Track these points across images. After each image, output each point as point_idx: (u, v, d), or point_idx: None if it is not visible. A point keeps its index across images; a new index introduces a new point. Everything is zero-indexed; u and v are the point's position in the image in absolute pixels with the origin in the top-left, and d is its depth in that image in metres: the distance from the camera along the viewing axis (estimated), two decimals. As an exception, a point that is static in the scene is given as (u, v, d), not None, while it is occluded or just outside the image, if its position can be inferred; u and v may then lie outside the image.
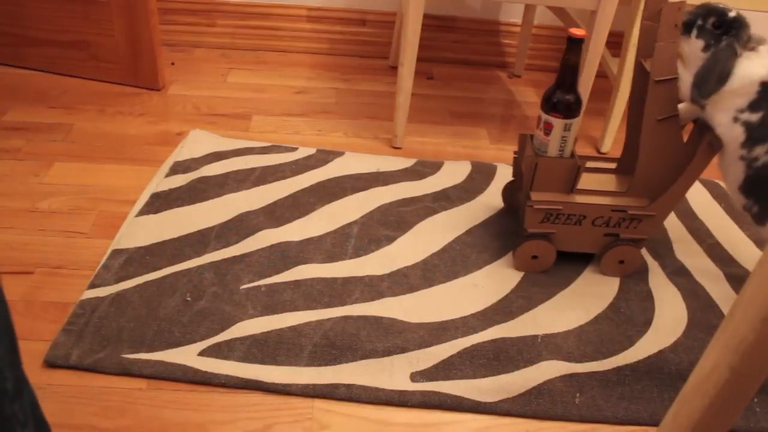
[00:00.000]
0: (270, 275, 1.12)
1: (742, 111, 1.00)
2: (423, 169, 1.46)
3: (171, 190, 1.30)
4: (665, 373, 1.01)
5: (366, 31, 1.99)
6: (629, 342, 1.06)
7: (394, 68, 1.95)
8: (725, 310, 1.15)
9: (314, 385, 0.94)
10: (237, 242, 1.18)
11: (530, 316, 1.09)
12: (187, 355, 0.96)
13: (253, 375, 0.94)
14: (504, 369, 0.99)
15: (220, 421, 0.89)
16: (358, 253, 1.19)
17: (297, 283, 1.11)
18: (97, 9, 1.62)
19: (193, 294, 1.06)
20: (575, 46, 1.05)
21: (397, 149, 1.55)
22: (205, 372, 0.94)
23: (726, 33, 0.99)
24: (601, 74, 1.63)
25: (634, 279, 1.20)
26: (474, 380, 0.97)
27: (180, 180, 1.33)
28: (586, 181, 1.18)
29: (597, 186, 1.17)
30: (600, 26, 1.41)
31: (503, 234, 1.28)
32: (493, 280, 1.16)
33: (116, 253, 1.13)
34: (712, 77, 0.98)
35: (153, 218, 1.22)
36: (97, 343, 0.96)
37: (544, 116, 1.09)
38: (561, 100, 1.07)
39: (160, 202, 1.27)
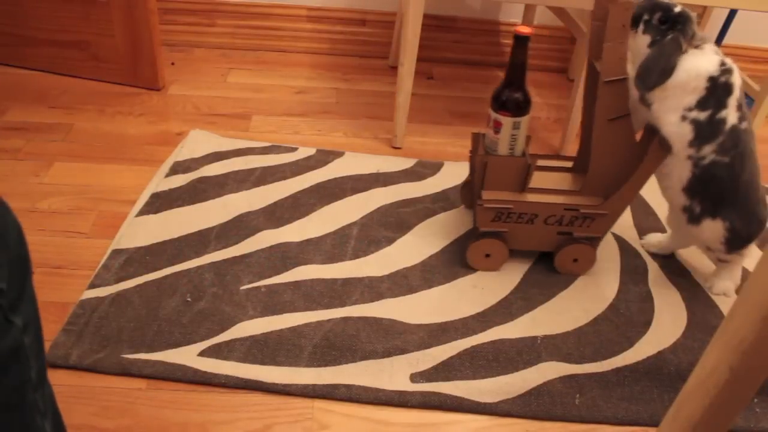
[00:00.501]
0: (270, 276, 1.12)
1: (690, 109, 1.01)
2: (423, 170, 1.46)
3: (171, 190, 1.30)
4: (665, 374, 1.01)
5: (366, 31, 1.99)
6: (629, 343, 1.06)
7: (394, 68, 1.95)
8: (725, 310, 1.15)
9: (314, 386, 0.93)
10: (237, 243, 1.18)
11: (530, 318, 1.09)
12: (187, 356, 0.96)
13: (253, 375, 0.94)
14: (504, 370, 0.99)
15: (220, 421, 0.89)
16: (357, 254, 1.19)
17: (297, 284, 1.11)
18: (97, 9, 1.62)
19: (193, 294, 1.06)
20: (522, 44, 1.05)
21: (397, 149, 1.55)
22: (205, 372, 0.94)
23: (672, 28, 0.99)
24: (601, 75, 1.63)
25: (634, 280, 1.20)
26: (474, 381, 0.97)
27: (180, 180, 1.33)
28: (542, 179, 1.18)
29: (552, 185, 1.17)
30: (600, 27, 1.40)
31: (503, 234, 1.28)
32: (492, 282, 1.16)
33: (116, 253, 1.13)
34: (656, 69, 0.98)
35: (153, 218, 1.22)
36: (97, 343, 0.96)
37: (494, 115, 1.09)
38: (509, 98, 1.07)
39: (160, 202, 1.27)
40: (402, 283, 1.14)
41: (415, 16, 1.39)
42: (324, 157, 1.47)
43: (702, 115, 1.00)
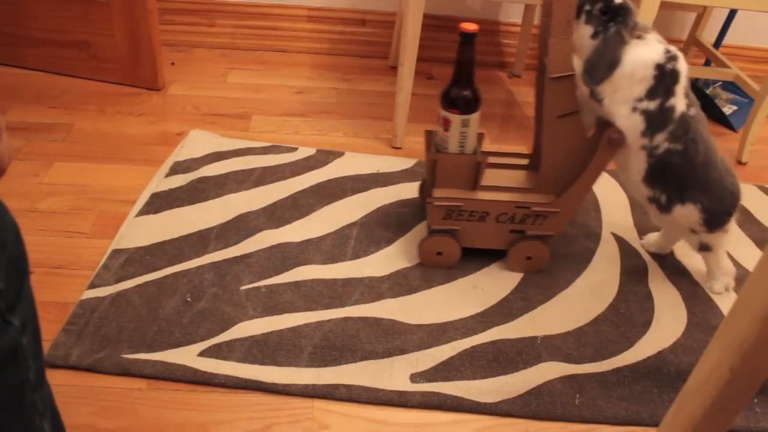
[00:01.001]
0: (270, 276, 1.12)
1: (640, 100, 1.01)
2: (423, 170, 1.46)
3: (171, 190, 1.30)
4: (665, 374, 1.01)
5: (366, 31, 1.99)
6: (629, 343, 1.06)
7: (394, 68, 1.95)
8: (725, 310, 1.15)
9: (314, 386, 0.93)
10: (237, 243, 1.18)
11: (529, 318, 1.09)
12: (186, 356, 0.96)
13: (252, 375, 0.94)
14: (504, 370, 0.99)
15: (219, 421, 0.89)
16: (357, 254, 1.19)
17: (297, 284, 1.11)
18: (96, 9, 1.62)
19: (193, 294, 1.06)
20: (468, 41, 1.04)
21: (397, 149, 1.55)
22: (205, 372, 0.94)
23: (613, 19, 0.99)
24: (601, 75, 1.63)
25: (634, 280, 1.20)
26: (474, 381, 0.97)
27: (180, 180, 1.33)
28: (498, 177, 1.18)
29: (508, 182, 1.16)
30: (600, 27, 1.40)
31: (503, 234, 1.28)
32: (492, 282, 1.16)
33: (116, 253, 1.13)
34: (602, 63, 0.98)
35: (153, 218, 1.22)
36: (97, 343, 0.96)
37: (443, 113, 1.08)
38: (458, 95, 1.06)
39: (160, 202, 1.27)
40: (402, 283, 1.14)
41: (415, 16, 1.39)
42: (324, 157, 1.46)
43: (652, 105, 1.01)
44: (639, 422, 0.94)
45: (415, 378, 0.96)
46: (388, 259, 1.19)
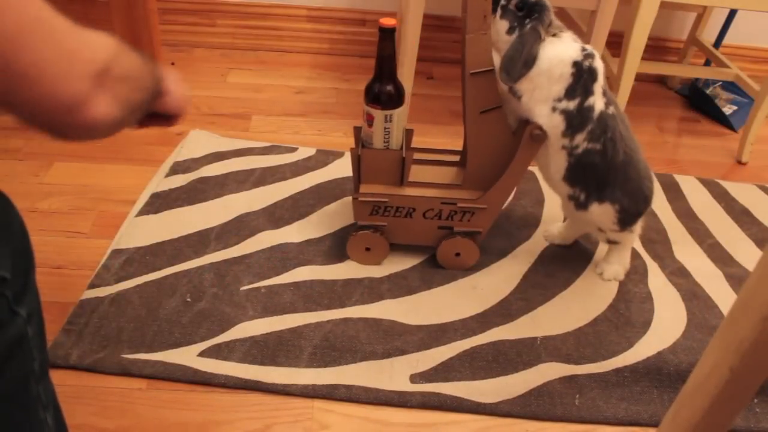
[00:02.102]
0: (270, 276, 1.12)
1: (559, 100, 1.01)
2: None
3: (171, 191, 1.30)
4: (665, 374, 1.01)
5: (366, 31, 1.99)
6: (628, 343, 1.06)
7: (394, 68, 1.95)
8: (725, 310, 1.15)
9: (314, 386, 0.94)
10: (237, 243, 1.18)
11: (529, 318, 1.09)
12: (186, 356, 0.96)
13: (252, 376, 0.94)
14: (503, 371, 0.99)
15: (219, 421, 0.89)
16: (357, 253, 1.19)
17: (297, 285, 1.11)
18: (97, 9, 1.62)
19: (193, 295, 1.06)
20: (387, 36, 1.03)
21: (397, 150, 1.55)
22: (205, 372, 0.94)
23: (529, 15, 0.98)
24: (601, 75, 1.63)
25: (634, 280, 1.20)
26: (474, 382, 0.97)
27: (180, 180, 1.33)
28: (428, 173, 1.17)
29: (438, 179, 1.16)
30: (600, 26, 1.41)
31: (503, 236, 1.28)
32: (492, 282, 1.16)
33: (116, 253, 1.13)
34: (519, 60, 0.98)
35: (153, 218, 1.22)
36: (97, 343, 0.96)
37: (366, 108, 1.08)
38: (379, 91, 1.06)
39: (160, 203, 1.27)
40: (402, 284, 1.14)
41: (415, 16, 1.39)
42: (324, 158, 1.46)
43: (571, 105, 1.01)
44: (639, 422, 0.94)
45: (415, 378, 0.96)
46: (388, 260, 1.18)
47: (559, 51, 0.99)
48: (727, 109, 1.88)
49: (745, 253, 1.31)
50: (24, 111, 0.49)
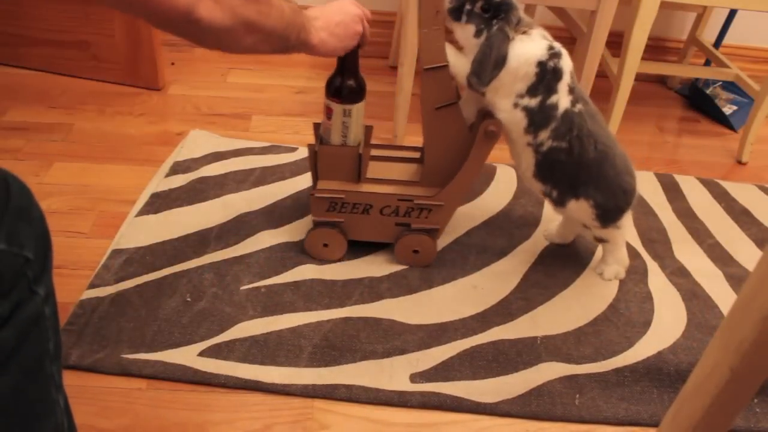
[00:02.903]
0: (270, 276, 1.12)
1: (522, 96, 1.00)
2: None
3: (171, 191, 1.30)
4: (665, 374, 1.01)
5: (366, 31, 1.99)
6: (628, 343, 1.06)
7: (394, 68, 1.95)
8: (725, 310, 1.15)
9: (314, 386, 0.93)
10: (237, 243, 1.18)
11: (529, 318, 1.09)
12: (186, 356, 0.96)
13: (252, 375, 0.94)
14: (503, 370, 0.99)
15: (219, 421, 0.89)
16: (357, 254, 1.19)
17: (296, 284, 1.11)
18: (96, 9, 1.62)
19: (193, 294, 1.06)
20: None
21: (397, 149, 1.55)
22: (205, 372, 0.94)
23: (495, 16, 0.98)
24: (601, 74, 1.63)
25: (634, 280, 1.20)
26: (473, 382, 0.97)
27: (180, 180, 1.33)
28: (387, 170, 1.17)
29: (397, 175, 1.15)
30: (600, 26, 1.41)
31: (503, 235, 1.28)
32: (492, 282, 1.16)
33: (116, 253, 1.13)
34: (489, 64, 0.97)
35: (153, 218, 1.22)
36: (96, 343, 0.96)
37: (326, 101, 1.07)
38: (340, 85, 1.06)
39: (159, 203, 1.27)
40: (402, 283, 1.14)
41: (415, 16, 1.39)
42: (324, 157, 1.46)
43: (533, 102, 1.00)
44: (639, 422, 0.94)
45: (414, 378, 0.96)
46: (388, 259, 1.19)
47: (526, 50, 0.98)
48: (727, 109, 1.88)
49: (745, 253, 1.31)
50: (149, 19, 0.71)
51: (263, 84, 1.81)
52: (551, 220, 1.34)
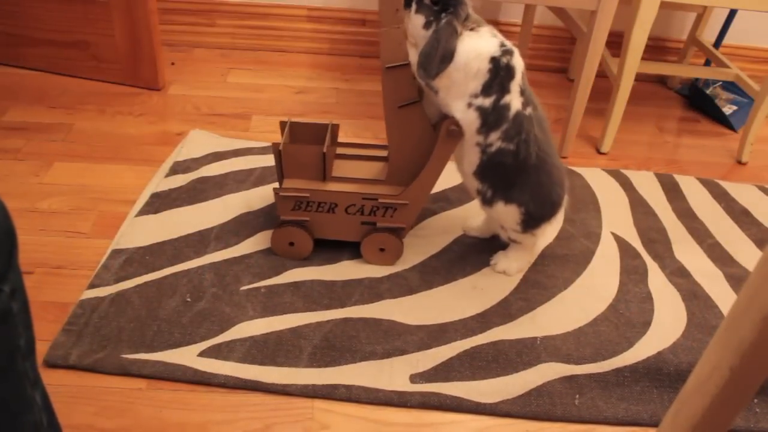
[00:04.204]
0: (270, 277, 1.12)
1: (476, 96, 0.99)
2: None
3: (171, 190, 1.30)
4: (664, 374, 1.01)
5: (366, 31, 1.99)
6: (628, 343, 1.06)
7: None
8: (725, 310, 1.15)
9: (314, 386, 0.93)
10: (237, 243, 1.18)
11: (529, 318, 1.09)
12: (186, 356, 0.96)
13: (252, 376, 0.94)
14: (503, 371, 0.99)
15: (219, 421, 0.89)
16: (357, 254, 1.19)
17: (296, 285, 1.11)
18: (96, 9, 1.62)
19: (192, 295, 1.06)
20: None
21: (396, 150, 1.55)
22: (205, 372, 0.94)
23: (444, 9, 0.97)
24: (601, 74, 1.63)
25: (634, 280, 1.20)
26: (473, 382, 0.97)
27: (180, 180, 1.33)
28: (355, 168, 1.17)
29: (364, 174, 1.15)
30: (600, 26, 1.41)
31: (503, 234, 1.28)
32: (492, 282, 1.16)
33: (116, 253, 1.13)
34: (436, 56, 0.96)
35: (153, 218, 1.22)
36: (96, 343, 0.96)
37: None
38: None
39: (159, 202, 1.27)
40: (402, 284, 1.14)
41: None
42: (324, 157, 1.46)
43: (487, 102, 1.00)
44: (639, 422, 0.94)
45: (414, 378, 0.96)
46: (388, 259, 1.19)
47: (477, 46, 0.97)
48: (727, 109, 1.88)
49: (745, 253, 1.31)
50: None
51: (263, 84, 1.81)
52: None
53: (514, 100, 1.00)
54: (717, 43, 1.97)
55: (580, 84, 1.49)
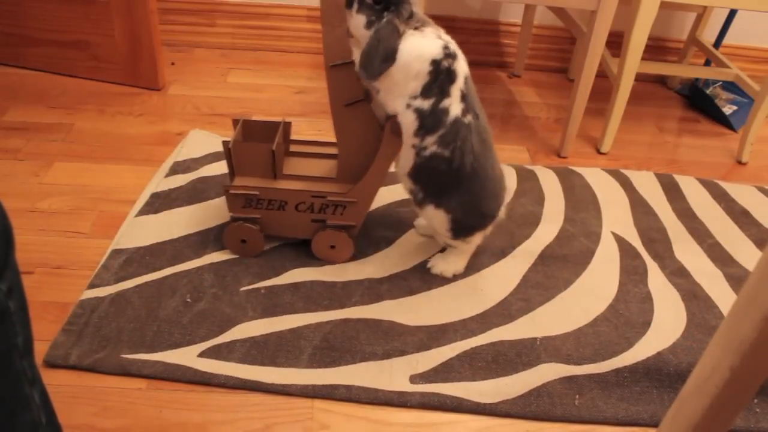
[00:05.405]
0: (270, 277, 1.12)
1: (415, 97, 0.98)
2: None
3: (171, 190, 1.30)
4: (664, 374, 1.01)
5: (366, 31, 1.99)
6: (628, 343, 1.06)
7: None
8: (725, 310, 1.15)
9: (314, 386, 0.93)
10: (237, 243, 1.18)
11: (529, 319, 1.09)
12: (186, 356, 0.96)
13: (252, 376, 0.94)
14: (503, 371, 0.99)
15: (219, 421, 0.89)
16: (357, 255, 1.19)
17: (296, 286, 1.11)
18: (97, 9, 1.62)
19: (192, 295, 1.06)
20: None
21: (396, 150, 1.55)
22: (205, 372, 0.94)
23: (387, 8, 0.95)
24: (601, 74, 1.63)
25: (634, 280, 1.20)
26: (473, 383, 0.97)
27: (180, 180, 1.33)
28: (307, 166, 1.17)
29: (316, 172, 1.15)
30: (600, 26, 1.41)
31: (503, 236, 1.28)
32: (492, 283, 1.16)
33: (116, 253, 1.13)
34: (377, 56, 0.94)
35: (153, 218, 1.22)
36: (96, 343, 0.96)
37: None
38: None
39: (159, 203, 1.27)
40: (401, 284, 1.14)
41: (415, 16, 1.39)
42: (324, 158, 1.46)
43: (425, 104, 0.98)
44: (639, 423, 0.94)
45: (414, 379, 0.96)
46: (388, 260, 1.19)
47: (418, 46, 0.96)
48: (727, 109, 1.88)
49: (745, 253, 1.31)
50: None
51: (263, 84, 1.81)
52: (552, 219, 1.34)
53: (453, 105, 0.99)
54: (717, 43, 1.97)
55: (580, 84, 1.49)
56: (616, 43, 1.71)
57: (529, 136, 1.68)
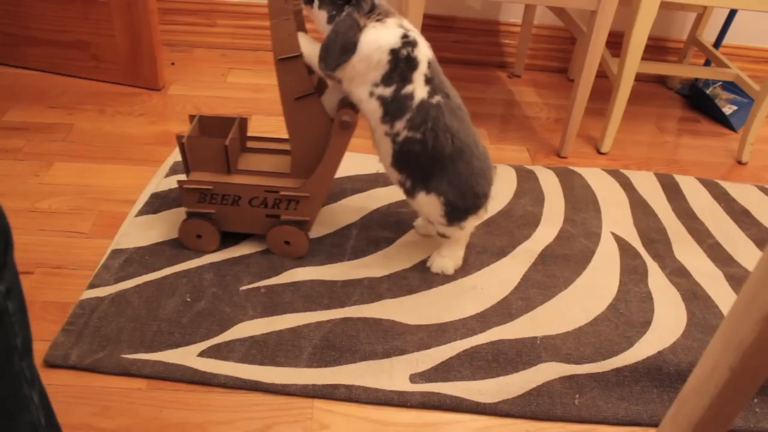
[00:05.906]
0: (269, 277, 1.12)
1: (376, 85, 1.00)
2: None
3: (171, 190, 1.30)
4: (664, 374, 1.01)
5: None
6: (628, 343, 1.06)
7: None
8: (725, 310, 1.15)
9: (314, 386, 0.93)
10: (236, 243, 1.18)
11: (529, 318, 1.09)
12: (186, 356, 0.96)
13: (252, 376, 0.94)
14: (503, 371, 0.99)
15: (219, 421, 0.89)
16: (357, 254, 1.19)
17: (296, 285, 1.11)
18: (97, 9, 1.62)
19: (192, 295, 1.06)
20: None
21: (396, 149, 1.55)
22: (205, 372, 0.94)
23: (347, 2, 0.97)
24: (601, 74, 1.63)
25: (634, 280, 1.20)
26: (473, 382, 0.97)
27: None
28: (262, 162, 1.17)
29: (270, 167, 1.15)
30: (600, 26, 1.41)
31: (503, 235, 1.28)
32: (492, 282, 1.16)
33: (116, 253, 1.13)
34: (335, 48, 0.96)
35: (153, 218, 1.22)
36: (96, 343, 0.96)
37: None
38: None
39: (159, 202, 1.27)
40: (402, 283, 1.14)
41: (414, 16, 1.39)
42: (324, 157, 1.46)
43: (387, 92, 1.00)
44: (639, 422, 0.94)
45: (414, 378, 0.96)
46: (388, 260, 1.19)
47: (377, 37, 0.97)
48: (727, 109, 1.88)
49: (745, 253, 1.31)
50: None
51: (263, 84, 1.81)
52: (552, 219, 1.34)
53: (417, 90, 1.00)
54: (717, 43, 1.97)
55: (580, 84, 1.49)
56: (616, 43, 1.71)
57: (529, 136, 1.68)
